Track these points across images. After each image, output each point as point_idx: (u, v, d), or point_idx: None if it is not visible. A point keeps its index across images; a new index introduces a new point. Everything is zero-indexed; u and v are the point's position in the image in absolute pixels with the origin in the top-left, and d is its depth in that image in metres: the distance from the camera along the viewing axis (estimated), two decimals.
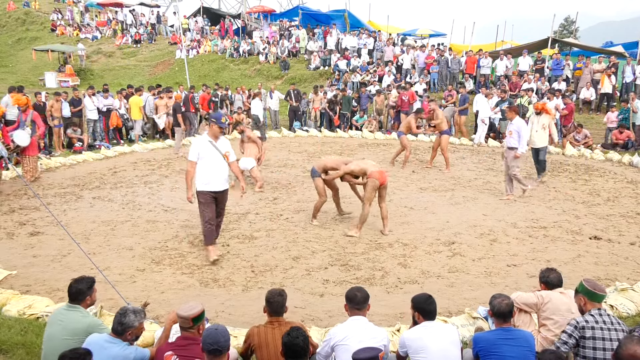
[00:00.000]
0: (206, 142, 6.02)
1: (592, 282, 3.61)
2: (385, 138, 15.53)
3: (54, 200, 8.59)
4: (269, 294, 3.62)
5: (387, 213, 7.09)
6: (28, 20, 34.55)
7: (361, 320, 3.52)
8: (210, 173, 5.99)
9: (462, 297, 5.24)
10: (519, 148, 8.61)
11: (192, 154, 6.00)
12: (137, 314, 3.34)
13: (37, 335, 4.17)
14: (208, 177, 5.99)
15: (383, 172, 6.91)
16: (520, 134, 8.63)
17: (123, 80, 24.00)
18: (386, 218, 7.08)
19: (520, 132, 8.63)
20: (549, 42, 19.39)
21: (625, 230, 7.29)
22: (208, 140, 6.03)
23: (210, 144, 6.01)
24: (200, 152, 5.97)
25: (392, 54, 20.64)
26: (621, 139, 13.46)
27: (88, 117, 13.87)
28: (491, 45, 24.13)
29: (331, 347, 3.42)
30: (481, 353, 3.44)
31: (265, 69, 24.03)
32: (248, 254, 6.32)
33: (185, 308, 3.34)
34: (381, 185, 6.84)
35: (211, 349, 3.00)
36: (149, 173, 10.81)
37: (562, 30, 40.06)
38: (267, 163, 11.86)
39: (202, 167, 5.98)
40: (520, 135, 8.62)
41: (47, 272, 5.77)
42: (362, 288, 3.66)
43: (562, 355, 3.34)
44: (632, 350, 2.75)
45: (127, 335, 3.30)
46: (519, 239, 6.93)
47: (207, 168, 5.98)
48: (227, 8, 37.99)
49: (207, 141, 6.03)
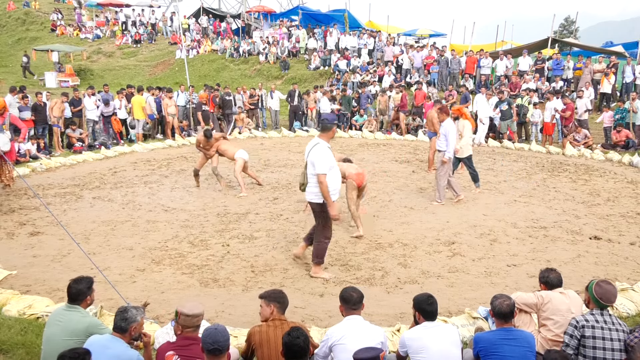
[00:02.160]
0: (329, 149, 5.44)
1: (602, 290, 3.55)
2: (386, 138, 15.54)
3: (54, 200, 8.59)
4: (279, 294, 3.66)
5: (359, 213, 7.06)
6: (28, 20, 34.56)
7: (357, 320, 3.52)
8: (337, 182, 5.51)
9: (462, 297, 5.23)
10: (446, 152, 8.16)
11: (325, 165, 5.29)
12: (137, 309, 3.38)
13: (37, 335, 4.17)
14: (335, 186, 5.47)
15: (360, 174, 6.90)
16: (448, 137, 8.12)
17: (123, 80, 23.99)
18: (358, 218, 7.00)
19: (448, 136, 8.13)
20: (549, 42, 19.41)
21: (625, 230, 7.29)
22: (327, 146, 5.43)
23: (330, 151, 5.45)
24: (331, 160, 5.38)
25: (392, 54, 20.65)
26: (620, 138, 13.46)
27: (88, 117, 13.88)
28: (491, 45, 24.13)
29: (329, 347, 3.42)
30: (482, 353, 3.44)
31: (265, 69, 24.04)
32: (248, 254, 6.32)
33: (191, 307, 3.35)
34: (359, 187, 6.87)
35: (211, 349, 3.01)
36: (149, 173, 10.81)
37: (562, 30, 40.06)
38: (267, 163, 11.87)
39: (331, 177, 5.40)
40: (448, 139, 8.12)
41: (47, 272, 5.77)
42: (356, 288, 3.66)
43: (567, 355, 3.35)
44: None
45: (131, 331, 3.31)
46: (519, 239, 6.93)
47: (334, 177, 5.46)
48: (227, 8, 37.99)
49: (328, 147, 5.44)
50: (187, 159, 12.32)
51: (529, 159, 12.48)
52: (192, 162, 11.76)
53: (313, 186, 5.39)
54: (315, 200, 5.44)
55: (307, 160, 5.43)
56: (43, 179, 10.15)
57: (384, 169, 11.09)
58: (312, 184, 5.39)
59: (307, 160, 5.43)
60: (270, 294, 3.67)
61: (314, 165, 5.32)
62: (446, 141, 8.15)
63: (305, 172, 5.44)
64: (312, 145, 5.46)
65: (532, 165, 11.82)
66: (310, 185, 5.41)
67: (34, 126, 12.61)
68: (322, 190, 5.31)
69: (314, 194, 5.41)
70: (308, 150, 5.48)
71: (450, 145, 8.15)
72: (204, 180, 10.09)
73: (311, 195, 5.44)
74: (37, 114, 12.63)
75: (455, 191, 8.59)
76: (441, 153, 8.28)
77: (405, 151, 13.52)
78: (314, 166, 5.32)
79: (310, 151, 5.41)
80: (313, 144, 5.47)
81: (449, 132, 8.17)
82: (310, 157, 5.38)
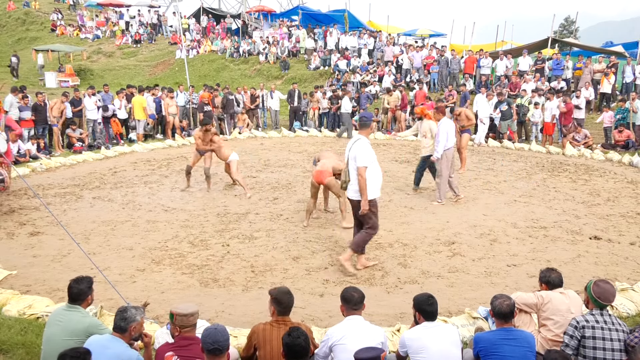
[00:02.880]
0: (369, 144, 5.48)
1: (600, 290, 3.56)
2: (386, 138, 15.54)
3: (54, 200, 8.59)
4: (279, 294, 3.56)
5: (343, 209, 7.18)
6: (28, 20, 34.57)
7: (358, 320, 3.52)
8: (378, 178, 5.56)
9: (462, 297, 5.23)
10: (435, 152, 8.30)
11: (367, 159, 5.36)
12: (137, 309, 3.39)
13: (37, 335, 4.17)
14: (377, 182, 5.53)
15: (319, 172, 7.08)
16: (438, 137, 8.26)
17: (123, 80, 24.00)
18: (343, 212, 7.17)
19: (438, 135, 8.27)
20: (549, 42, 19.41)
21: (625, 230, 7.29)
22: (367, 141, 5.48)
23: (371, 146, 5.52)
24: (372, 155, 5.41)
25: (392, 54, 20.65)
26: (621, 138, 13.46)
27: (88, 117, 13.88)
28: (491, 45, 24.14)
29: (329, 347, 3.42)
30: (482, 353, 3.44)
31: (265, 69, 24.05)
32: (248, 254, 6.31)
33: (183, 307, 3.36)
34: (317, 183, 7.01)
35: (211, 349, 3.01)
36: (149, 173, 10.81)
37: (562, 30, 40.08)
38: (267, 163, 11.87)
39: (372, 173, 5.43)
40: (438, 140, 8.26)
41: (47, 272, 5.77)
42: (357, 288, 3.65)
43: (567, 355, 3.35)
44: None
45: (131, 331, 3.30)
46: (519, 239, 6.93)
47: (376, 173, 5.50)
48: (227, 8, 38.01)
49: (369, 143, 5.48)
50: (187, 159, 12.29)
51: (529, 159, 12.48)
52: None
53: (356, 183, 5.44)
54: (358, 198, 5.47)
55: (348, 157, 5.49)
56: (43, 179, 10.14)
57: (384, 169, 11.00)
58: (355, 180, 5.44)
59: (348, 157, 5.49)
60: (275, 293, 3.60)
61: (355, 160, 5.37)
62: (437, 140, 8.27)
63: (347, 169, 5.50)
64: (353, 141, 5.54)
65: (532, 165, 11.83)
66: (353, 182, 5.46)
67: (34, 126, 12.62)
68: (361, 183, 5.34)
69: (356, 191, 5.46)
70: (348, 147, 5.56)
71: (440, 145, 8.22)
72: (204, 180, 10.09)
73: (354, 192, 5.49)
74: (37, 114, 12.63)
75: (454, 191, 8.59)
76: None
77: (405, 151, 13.53)
78: (355, 160, 5.38)
79: (351, 147, 5.47)
80: (354, 140, 5.54)
81: (439, 132, 8.27)
82: (352, 152, 5.43)
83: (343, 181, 5.60)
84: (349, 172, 5.49)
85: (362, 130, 5.65)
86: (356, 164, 5.36)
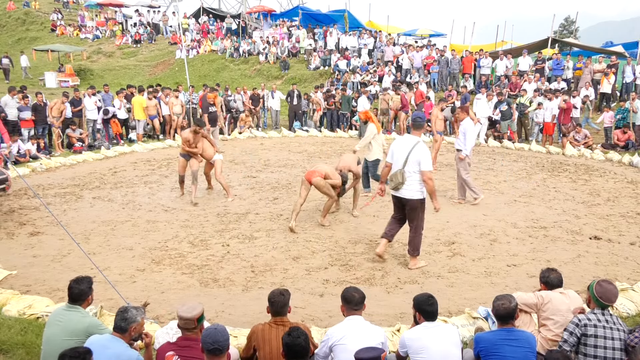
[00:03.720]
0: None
1: (603, 289, 3.56)
2: (386, 138, 15.50)
3: (54, 200, 8.59)
4: (271, 294, 3.61)
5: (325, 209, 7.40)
6: (28, 20, 34.57)
7: (358, 320, 3.52)
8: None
9: (462, 297, 5.23)
10: (463, 150, 8.35)
11: (430, 162, 5.58)
12: (137, 310, 3.38)
13: (37, 335, 4.17)
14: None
15: (311, 171, 7.24)
16: (466, 135, 8.33)
17: (123, 80, 24.00)
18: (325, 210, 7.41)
19: (466, 133, 8.33)
20: (549, 42, 19.40)
21: (625, 230, 7.29)
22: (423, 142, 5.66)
23: None
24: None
25: (392, 54, 20.64)
26: (622, 139, 13.46)
27: (88, 117, 13.88)
28: (491, 45, 24.13)
29: (329, 347, 3.42)
30: (482, 353, 3.44)
31: (265, 69, 24.04)
32: (248, 254, 6.31)
33: (186, 309, 3.34)
34: (306, 180, 7.16)
35: (211, 349, 3.01)
36: (149, 173, 10.81)
37: (562, 30, 40.06)
38: (267, 163, 11.87)
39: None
40: (466, 137, 8.32)
41: (47, 272, 5.77)
42: (358, 289, 3.66)
43: (568, 355, 3.35)
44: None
45: (131, 331, 3.30)
46: (519, 239, 6.93)
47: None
48: (227, 8, 38.00)
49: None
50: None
51: (529, 159, 12.48)
52: None
53: (416, 183, 5.58)
54: (417, 197, 5.63)
55: (406, 159, 5.56)
56: (43, 179, 10.14)
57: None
58: (415, 181, 5.57)
59: (406, 159, 5.56)
60: (269, 294, 3.64)
61: (419, 163, 5.51)
62: (464, 139, 8.34)
63: (403, 170, 5.57)
64: (411, 143, 5.61)
65: (532, 165, 11.83)
66: (412, 182, 5.58)
67: (34, 126, 12.62)
68: (430, 186, 5.55)
69: (416, 191, 5.61)
70: (406, 149, 5.60)
71: (469, 143, 8.34)
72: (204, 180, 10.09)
73: (412, 192, 5.61)
74: (37, 114, 12.63)
75: (460, 194, 8.64)
76: (460, 152, 8.42)
77: None
78: (419, 164, 5.51)
79: (412, 150, 5.55)
80: (412, 142, 5.61)
81: (467, 130, 8.36)
82: (414, 156, 5.53)
83: (399, 183, 5.62)
84: (404, 174, 5.58)
85: (416, 130, 5.78)
86: (420, 167, 5.52)
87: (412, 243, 5.86)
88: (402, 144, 5.70)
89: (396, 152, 5.72)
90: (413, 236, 5.83)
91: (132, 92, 15.04)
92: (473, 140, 8.53)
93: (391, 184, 5.72)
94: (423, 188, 5.63)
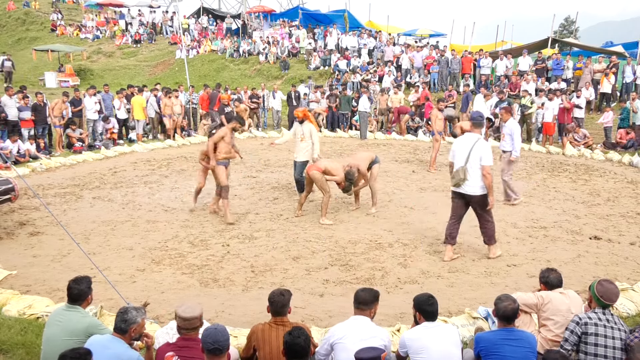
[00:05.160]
0: None
1: (604, 289, 3.56)
2: (386, 138, 15.54)
3: (54, 200, 8.59)
4: (271, 294, 3.61)
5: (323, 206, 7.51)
6: (28, 20, 34.58)
7: (362, 320, 3.51)
8: None
9: (462, 297, 5.23)
10: (513, 151, 8.41)
11: (491, 157, 5.81)
12: (138, 310, 3.37)
13: (37, 335, 4.17)
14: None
15: (311, 165, 7.58)
16: (514, 136, 8.39)
17: (123, 80, 24.00)
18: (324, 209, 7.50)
19: (514, 135, 8.40)
20: (549, 42, 19.41)
21: (625, 230, 7.29)
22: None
23: None
24: None
25: (392, 54, 20.64)
26: (625, 139, 13.45)
27: (88, 117, 13.88)
28: (491, 45, 24.14)
29: (330, 344, 3.42)
30: (482, 353, 3.44)
31: (265, 69, 24.03)
32: (248, 254, 6.31)
33: (185, 309, 3.33)
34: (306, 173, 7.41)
35: (211, 348, 3.01)
36: (149, 173, 10.81)
37: (562, 30, 40.05)
38: (267, 163, 11.87)
39: None
40: (514, 138, 8.39)
41: (47, 272, 5.77)
42: (369, 290, 3.62)
43: (567, 355, 3.35)
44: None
45: (132, 332, 3.30)
46: (519, 239, 6.93)
47: None
48: (227, 8, 38.00)
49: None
50: (187, 159, 12.32)
51: (529, 159, 12.47)
52: (192, 162, 11.78)
53: (478, 179, 5.77)
54: (480, 193, 5.83)
55: (468, 156, 5.76)
56: (43, 179, 10.14)
57: (384, 168, 11.07)
58: (477, 177, 5.76)
59: (468, 156, 5.76)
60: (269, 294, 3.63)
61: (481, 159, 5.73)
62: (512, 141, 8.38)
63: (465, 167, 5.77)
64: (472, 141, 5.83)
65: (532, 165, 11.83)
66: (475, 178, 5.77)
67: (34, 126, 12.61)
68: (489, 180, 5.77)
69: (479, 187, 5.81)
70: (467, 146, 5.81)
71: (517, 144, 8.38)
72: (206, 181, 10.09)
73: (476, 188, 5.82)
74: (37, 114, 12.63)
75: (514, 192, 8.63)
76: (506, 153, 8.44)
77: (406, 151, 13.53)
78: (481, 159, 5.73)
79: (473, 147, 5.76)
80: (473, 140, 5.84)
81: (514, 131, 8.42)
82: (476, 152, 5.74)
83: (462, 179, 5.80)
84: (467, 170, 5.77)
85: (476, 129, 5.99)
86: (481, 162, 5.72)
87: (487, 233, 6.07)
88: (463, 143, 5.91)
89: (457, 150, 5.94)
90: (485, 227, 6.05)
91: (132, 92, 15.05)
92: (520, 141, 8.60)
93: (452, 181, 5.94)
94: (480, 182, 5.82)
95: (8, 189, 6.62)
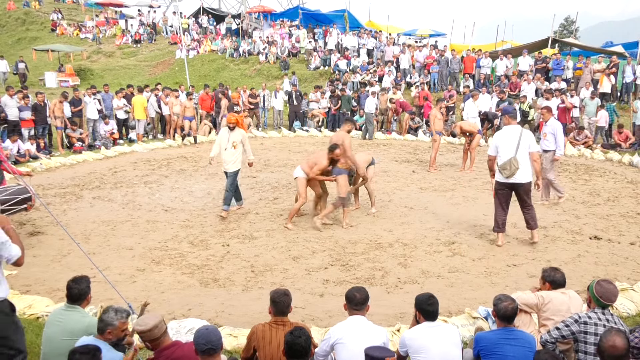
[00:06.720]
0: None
1: (603, 289, 3.55)
2: (386, 138, 15.54)
3: (54, 200, 8.59)
4: (275, 294, 3.58)
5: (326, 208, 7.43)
6: (28, 20, 34.55)
7: (360, 320, 3.52)
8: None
9: (462, 297, 5.23)
10: (557, 150, 8.36)
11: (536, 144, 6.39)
12: (118, 313, 3.28)
13: (37, 335, 4.17)
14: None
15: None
16: (557, 135, 8.34)
17: (123, 80, 23.98)
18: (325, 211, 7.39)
19: (556, 134, 8.33)
20: (549, 42, 19.40)
21: (625, 230, 7.29)
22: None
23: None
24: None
25: (392, 54, 20.64)
26: (621, 139, 13.46)
27: (88, 117, 13.88)
28: (491, 45, 24.11)
29: (330, 345, 3.42)
30: (482, 353, 3.44)
31: (265, 69, 24.02)
32: (248, 254, 6.31)
33: (140, 322, 3.18)
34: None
35: (205, 349, 2.99)
36: (149, 173, 10.81)
37: (562, 30, 40.03)
38: (268, 163, 11.87)
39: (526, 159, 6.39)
40: (557, 137, 8.34)
41: (47, 272, 5.77)
42: (362, 289, 3.64)
43: (557, 355, 3.34)
44: (612, 341, 2.89)
45: (107, 335, 3.23)
46: (519, 239, 6.93)
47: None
48: (227, 8, 37.99)
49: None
50: (187, 159, 12.32)
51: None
52: (192, 162, 11.79)
53: (529, 166, 6.29)
54: (529, 180, 6.36)
55: (517, 146, 6.18)
56: (43, 179, 10.14)
57: (384, 168, 11.07)
58: (527, 164, 6.26)
59: (517, 146, 6.18)
60: (272, 294, 3.62)
61: (530, 146, 6.25)
62: (555, 140, 8.42)
63: (516, 157, 6.17)
64: (517, 132, 6.30)
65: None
66: (526, 166, 6.24)
67: (34, 126, 12.61)
68: (538, 165, 6.60)
69: (530, 174, 6.34)
70: (514, 138, 6.23)
71: (560, 142, 8.48)
72: (204, 180, 10.10)
73: (527, 175, 6.30)
74: (37, 114, 12.63)
75: (545, 194, 8.60)
76: (549, 152, 8.41)
77: (405, 151, 13.53)
78: (529, 147, 6.25)
79: (520, 137, 6.22)
80: (517, 131, 6.32)
81: (556, 130, 8.47)
82: (525, 141, 6.22)
83: (516, 168, 6.16)
84: (517, 161, 6.16)
85: (513, 120, 6.48)
86: (530, 149, 6.24)
87: (533, 217, 6.49)
88: (507, 135, 6.30)
89: (502, 143, 6.29)
90: (530, 212, 6.46)
91: (132, 92, 15.05)
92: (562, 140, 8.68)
93: (505, 173, 6.24)
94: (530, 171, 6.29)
95: (26, 198, 6.62)
